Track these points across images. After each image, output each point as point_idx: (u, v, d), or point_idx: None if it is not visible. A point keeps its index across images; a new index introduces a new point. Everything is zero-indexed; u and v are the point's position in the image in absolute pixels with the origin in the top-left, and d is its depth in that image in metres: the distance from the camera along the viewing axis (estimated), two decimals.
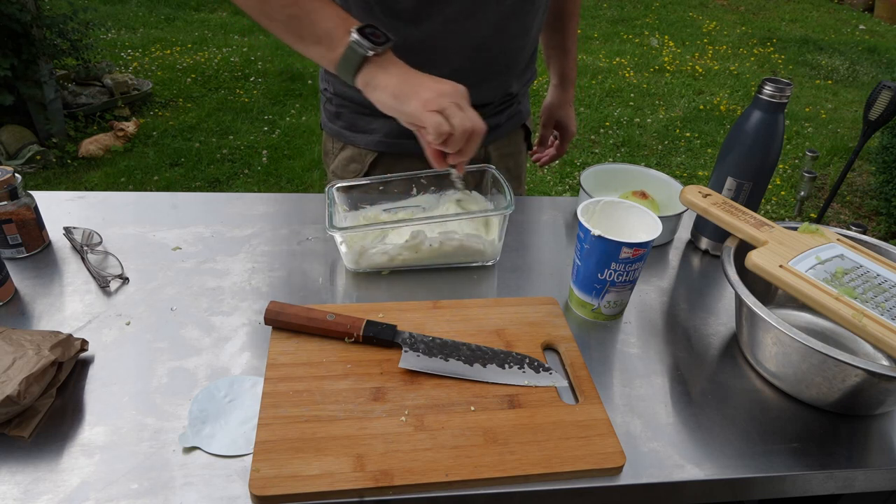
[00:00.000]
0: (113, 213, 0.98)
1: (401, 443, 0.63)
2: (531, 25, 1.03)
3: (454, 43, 0.97)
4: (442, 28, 0.95)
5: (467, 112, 0.80)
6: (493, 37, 0.99)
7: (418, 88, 0.80)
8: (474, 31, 0.97)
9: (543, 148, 1.37)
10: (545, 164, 1.37)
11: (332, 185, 0.93)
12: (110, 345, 0.74)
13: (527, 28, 1.03)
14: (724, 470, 0.65)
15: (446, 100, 0.79)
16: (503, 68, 1.05)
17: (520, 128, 1.22)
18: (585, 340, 0.80)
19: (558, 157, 1.37)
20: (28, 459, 0.60)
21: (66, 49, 3.32)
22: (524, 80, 1.14)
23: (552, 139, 1.36)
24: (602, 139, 3.84)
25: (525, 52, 1.07)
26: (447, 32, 0.96)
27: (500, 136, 1.16)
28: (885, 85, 1.44)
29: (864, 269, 0.75)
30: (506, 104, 1.13)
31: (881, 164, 3.08)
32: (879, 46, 5.64)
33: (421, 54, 0.98)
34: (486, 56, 1.01)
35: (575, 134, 1.34)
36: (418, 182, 0.97)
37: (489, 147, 1.15)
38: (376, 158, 1.10)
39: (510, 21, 0.99)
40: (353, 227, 0.87)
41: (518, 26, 1.01)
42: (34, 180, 3.06)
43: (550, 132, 1.35)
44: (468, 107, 0.81)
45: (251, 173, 3.25)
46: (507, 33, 1.00)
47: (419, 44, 0.96)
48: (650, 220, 0.81)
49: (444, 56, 0.98)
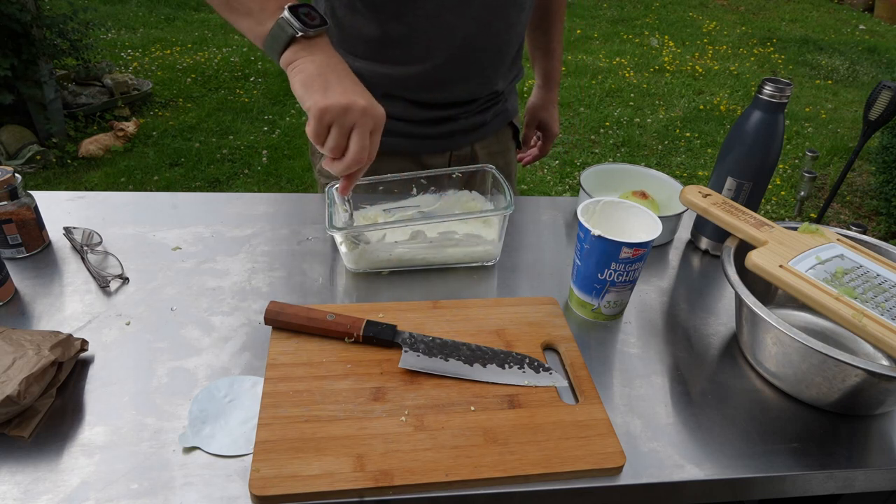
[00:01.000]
0: (113, 213, 0.98)
1: (401, 443, 0.63)
2: (516, 22, 1.02)
3: (437, 38, 0.96)
4: (424, 22, 0.94)
5: (359, 137, 0.74)
6: (478, 31, 0.98)
7: (330, 88, 0.74)
8: (457, 25, 0.96)
9: (527, 148, 1.37)
10: (528, 164, 1.37)
11: (333, 185, 0.93)
12: (110, 345, 0.74)
13: (511, 24, 1.02)
14: (724, 470, 0.65)
15: (347, 118, 0.73)
16: (487, 65, 1.04)
17: (507, 126, 1.21)
18: (585, 340, 0.80)
19: (541, 156, 1.37)
20: (28, 459, 0.60)
21: (66, 49, 3.32)
22: (510, 78, 1.13)
23: (535, 139, 1.36)
24: (602, 139, 3.84)
25: (510, 49, 1.06)
26: (429, 27, 0.95)
27: (487, 134, 1.16)
28: (885, 85, 1.44)
29: (864, 269, 0.75)
30: (491, 102, 1.13)
31: (881, 164, 3.08)
32: (879, 46, 5.64)
33: (404, 48, 0.97)
34: (470, 52, 1.00)
35: (557, 134, 1.34)
36: (418, 182, 0.97)
37: (476, 145, 1.15)
38: None
39: (494, 16, 0.98)
40: (352, 227, 0.87)
41: (502, 22, 1.00)
42: (34, 180, 3.06)
43: (533, 132, 1.35)
44: (366, 133, 0.74)
45: (251, 173, 3.25)
46: (491, 29, 0.99)
47: (403, 38, 0.95)
48: (650, 220, 0.81)
49: (427, 51, 0.97)
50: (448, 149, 1.12)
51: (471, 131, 1.12)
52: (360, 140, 0.74)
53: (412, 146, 1.09)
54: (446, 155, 1.13)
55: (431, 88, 1.03)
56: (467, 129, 1.11)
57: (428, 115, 1.06)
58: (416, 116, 1.06)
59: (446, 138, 1.10)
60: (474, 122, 1.11)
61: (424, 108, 1.06)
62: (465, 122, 1.10)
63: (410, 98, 1.04)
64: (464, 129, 1.11)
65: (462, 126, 1.10)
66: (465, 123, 1.10)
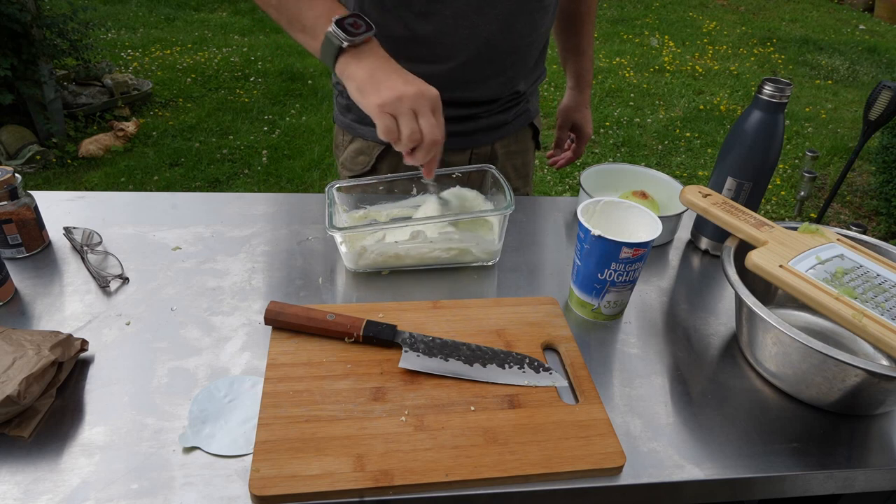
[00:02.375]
0: (113, 213, 0.98)
1: (401, 443, 0.63)
2: (539, 23, 1.04)
3: (462, 37, 0.98)
4: (451, 21, 0.96)
5: (425, 119, 0.78)
6: (501, 32, 0.99)
7: (381, 86, 0.78)
8: (482, 25, 0.97)
9: (560, 150, 1.37)
10: (562, 167, 1.38)
11: (332, 185, 0.93)
12: (110, 345, 0.74)
13: (535, 25, 1.03)
14: (724, 470, 0.65)
15: (404, 104, 0.77)
16: (510, 65, 1.06)
17: (527, 126, 1.22)
18: (585, 340, 0.80)
19: (575, 158, 1.37)
20: (28, 459, 0.60)
21: (66, 49, 3.32)
22: (532, 79, 1.15)
23: (568, 142, 1.36)
24: (602, 139, 3.84)
25: (533, 50, 1.08)
26: (456, 26, 0.97)
27: (508, 133, 1.17)
28: (885, 85, 1.44)
29: (864, 269, 0.75)
30: (513, 102, 1.14)
31: (881, 164, 3.08)
32: (879, 46, 5.64)
33: (429, 47, 0.99)
34: (494, 51, 1.01)
35: (591, 135, 1.34)
36: (418, 182, 0.97)
37: (496, 144, 1.16)
38: (383, 151, 1.11)
39: (518, 17, 0.99)
40: (352, 226, 0.87)
41: (526, 23, 1.01)
42: (34, 180, 3.06)
43: (567, 134, 1.35)
44: (428, 113, 0.79)
45: (251, 173, 3.25)
46: (515, 30, 1.01)
47: (428, 36, 0.97)
48: (650, 220, 0.81)
49: (451, 50, 0.99)
50: (469, 147, 1.14)
51: (492, 130, 1.13)
52: (427, 121, 0.78)
53: None
54: (467, 153, 1.14)
55: (455, 87, 1.04)
56: (488, 127, 1.12)
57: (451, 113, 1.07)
58: None
59: (467, 136, 1.12)
60: (496, 122, 1.13)
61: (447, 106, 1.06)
62: (486, 121, 1.12)
63: None
64: (485, 128, 1.12)
65: (483, 125, 1.12)
66: (487, 122, 1.12)
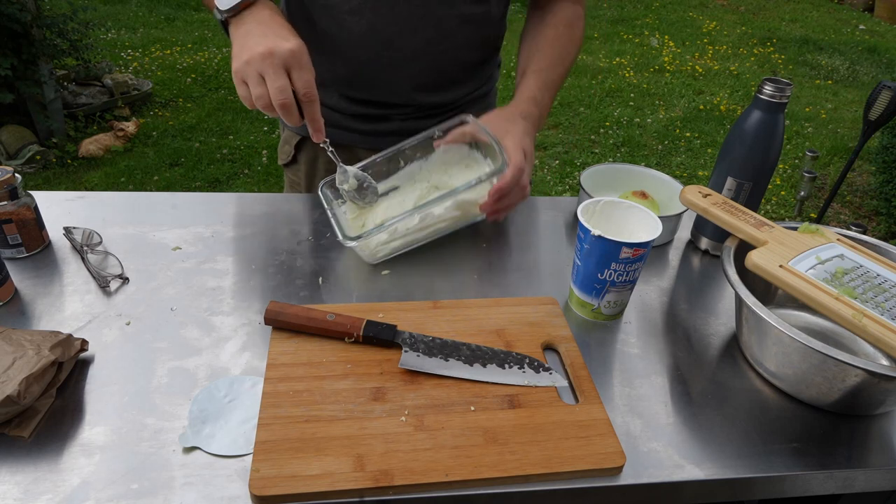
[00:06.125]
0: (113, 213, 0.98)
1: (401, 443, 0.63)
2: (456, 33, 1.00)
3: (359, 34, 0.97)
4: (348, 17, 0.96)
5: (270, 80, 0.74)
6: (401, 36, 0.98)
7: (242, 51, 0.76)
8: (381, 26, 0.96)
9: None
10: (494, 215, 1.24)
11: (322, 184, 0.95)
12: (110, 345, 0.74)
13: (447, 34, 1.00)
14: (724, 470, 0.65)
15: (251, 68, 0.75)
16: (418, 72, 1.03)
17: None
18: (585, 340, 0.80)
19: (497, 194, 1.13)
20: (28, 459, 0.60)
21: (66, 49, 3.32)
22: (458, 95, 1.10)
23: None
24: (602, 139, 3.84)
25: (454, 63, 1.04)
26: (353, 23, 0.97)
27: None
28: (885, 85, 1.44)
29: (864, 269, 0.75)
30: (435, 112, 1.09)
31: (881, 164, 3.08)
32: (879, 46, 5.64)
33: (331, 42, 1.00)
34: (398, 54, 1.00)
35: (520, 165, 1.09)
36: (403, 154, 0.98)
37: None
38: (300, 141, 1.13)
39: (421, 21, 0.97)
40: (366, 232, 0.85)
41: (433, 29, 0.98)
42: (34, 180, 3.06)
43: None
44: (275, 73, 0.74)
45: (251, 173, 3.25)
46: (419, 34, 0.98)
47: (328, 31, 0.98)
48: (650, 220, 0.81)
49: (352, 47, 0.99)
50: (381, 148, 1.03)
51: (405, 136, 1.03)
52: (273, 82, 0.75)
53: (347, 138, 1.10)
54: None
55: (360, 86, 1.04)
56: (402, 132, 1.04)
57: (359, 110, 1.08)
58: (346, 109, 1.08)
59: (379, 137, 1.08)
60: (410, 128, 1.05)
61: (355, 102, 1.07)
62: (399, 125, 1.09)
63: (340, 91, 1.07)
64: (399, 132, 1.06)
65: (396, 128, 1.09)
66: (400, 126, 1.09)
